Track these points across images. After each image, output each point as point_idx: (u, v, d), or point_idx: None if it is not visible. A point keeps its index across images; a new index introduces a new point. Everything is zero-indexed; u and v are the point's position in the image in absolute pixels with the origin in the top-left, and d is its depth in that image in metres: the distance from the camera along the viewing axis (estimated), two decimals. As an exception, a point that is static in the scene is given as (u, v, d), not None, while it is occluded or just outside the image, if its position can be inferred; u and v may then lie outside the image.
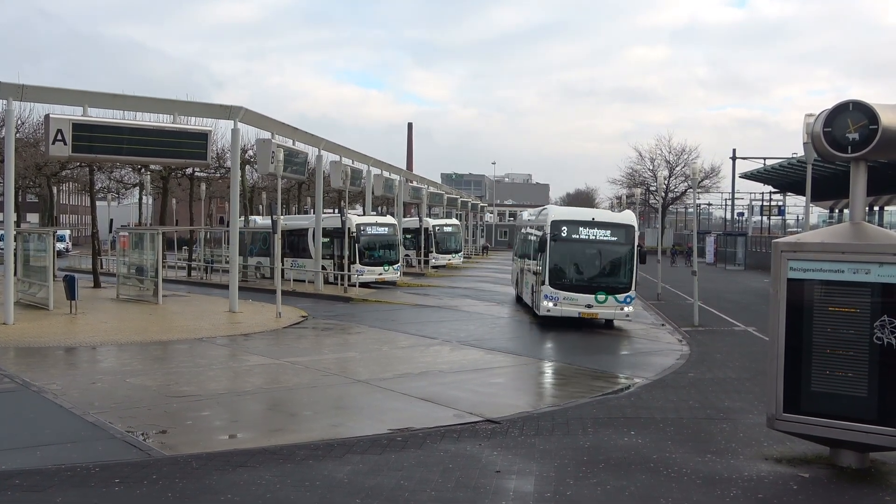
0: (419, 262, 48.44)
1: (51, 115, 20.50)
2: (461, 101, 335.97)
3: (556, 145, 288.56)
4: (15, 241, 23.87)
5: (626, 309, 21.80)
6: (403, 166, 75.02)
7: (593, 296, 21.50)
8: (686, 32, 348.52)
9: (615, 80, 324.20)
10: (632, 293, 21.79)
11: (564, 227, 21.97)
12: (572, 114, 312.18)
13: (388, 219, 39.15)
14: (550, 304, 21.77)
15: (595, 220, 22.32)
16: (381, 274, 35.73)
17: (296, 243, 38.45)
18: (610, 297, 21.51)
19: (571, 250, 22.10)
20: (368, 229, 35.62)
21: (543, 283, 21.96)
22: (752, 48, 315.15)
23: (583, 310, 21.57)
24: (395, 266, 36.79)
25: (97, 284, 32.49)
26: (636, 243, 22.01)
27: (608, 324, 22.89)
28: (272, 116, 26.99)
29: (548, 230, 22.01)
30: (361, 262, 34.58)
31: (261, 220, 43.02)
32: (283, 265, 30.47)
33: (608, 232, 21.93)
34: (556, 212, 23.64)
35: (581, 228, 21.99)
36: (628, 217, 22.81)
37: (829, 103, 10.46)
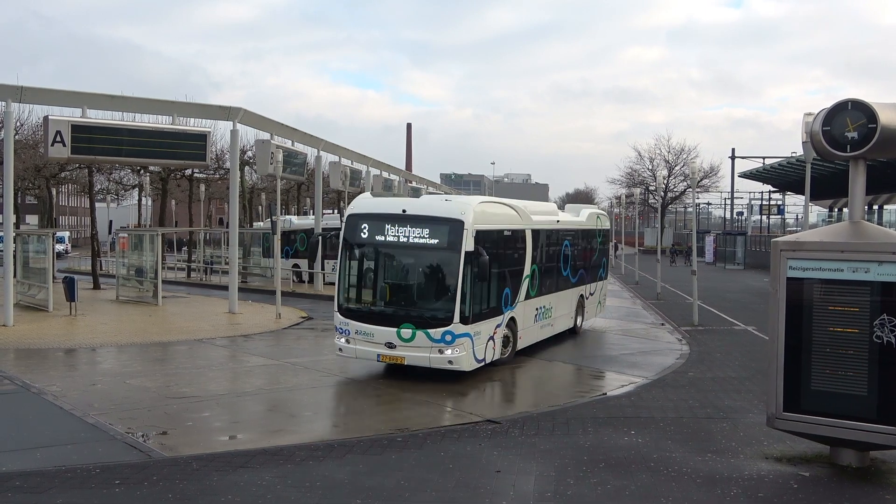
0: None
1: (50, 117, 20.50)
2: (457, 102, 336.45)
3: (553, 145, 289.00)
4: (14, 242, 23.86)
5: (447, 352, 13.75)
6: (402, 167, 75.03)
7: (396, 330, 14.03)
8: (682, 33, 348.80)
9: (610, 81, 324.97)
10: (458, 326, 13.74)
11: (365, 225, 14.55)
12: (568, 114, 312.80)
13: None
14: (342, 341, 14.67)
15: (407, 212, 14.25)
16: None
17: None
18: (419, 333, 13.81)
19: (370, 259, 14.82)
20: None
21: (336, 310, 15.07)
22: (746, 48, 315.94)
23: (382, 350, 14.10)
24: None
25: (97, 286, 32.48)
26: (466, 246, 13.80)
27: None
28: (270, 117, 26.98)
29: (343, 229, 15.05)
30: None
31: (297, 220, 41.17)
32: (323, 269, 30.37)
33: (424, 231, 14.02)
34: (359, 202, 15.30)
35: (387, 226, 14.28)
36: (460, 206, 14.35)
37: (822, 103, 10.48)
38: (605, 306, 23.99)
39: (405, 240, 14.11)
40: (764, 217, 75.29)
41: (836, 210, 59.42)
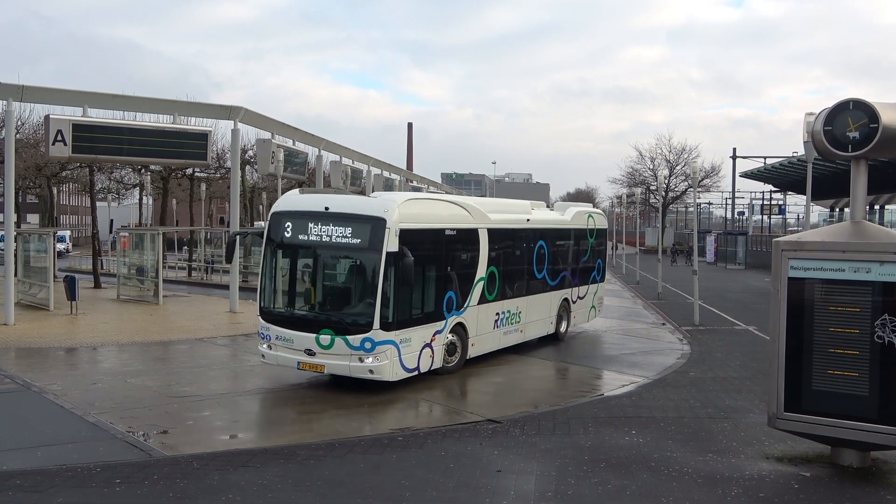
0: None
1: (51, 116, 20.49)
2: (458, 102, 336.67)
3: (553, 145, 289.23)
4: (15, 241, 23.87)
5: (367, 361, 12.80)
6: (403, 166, 75.04)
7: (315, 336, 13.15)
8: (682, 33, 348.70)
9: (610, 81, 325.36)
10: (378, 333, 12.75)
11: (288, 223, 13.72)
12: (568, 114, 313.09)
13: None
14: (264, 347, 13.88)
15: (329, 210, 13.36)
16: None
17: None
18: (338, 340, 12.91)
19: (292, 260, 14.02)
20: None
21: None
22: (746, 48, 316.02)
23: (302, 358, 13.26)
24: None
25: (97, 285, 32.48)
26: (389, 247, 12.73)
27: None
28: (271, 116, 26.97)
29: (266, 227, 14.28)
30: None
31: None
32: None
33: (346, 230, 13.14)
34: (285, 198, 14.56)
35: (310, 224, 13.43)
36: (383, 203, 13.29)
37: (822, 103, 10.50)
38: (600, 311, 22.61)
39: (328, 239, 13.24)
40: (765, 217, 75.24)
41: (837, 210, 59.38)
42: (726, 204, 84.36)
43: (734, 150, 73.48)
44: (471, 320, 15.34)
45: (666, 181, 71.25)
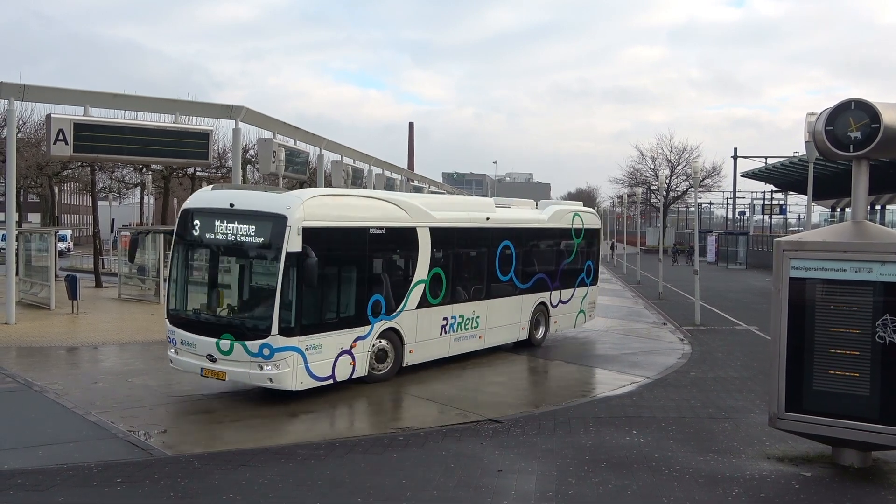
0: None
1: (52, 115, 20.50)
2: (459, 101, 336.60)
3: (553, 145, 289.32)
4: (17, 240, 23.88)
5: (266, 368, 11.97)
6: (404, 165, 75.03)
7: (216, 341, 12.31)
8: (683, 32, 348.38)
9: (610, 81, 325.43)
10: (277, 339, 11.89)
11: (196, 221, 12.98)
12: (569, 113, 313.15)
13: None
14: (172, 352, 13.12)
15: (234, 206, 12.62)
16: None
17: None
18: (237, 346, 12.10)
19: (197, 260, 13.39)
20: None
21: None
22: (746, 48, 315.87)
23: (205, 364, 12.46)
24: None
25: (98, 284, 32.48)
26: (290, 246, 11.89)
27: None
28: (272, 116, 26.98)
29: (175, 225, 13.61)
30: None
31: None
32: None
33: (249, 228, 12.41)
34: (196, 195, 13.91)
35: (216, 222, 12.69)
36: (286, 200, 12.45)
37: (822, 103, 10.52)
38: (592, 316, 21.28)
39: (232, 238, 12.48)
40: (766, 217, 75.20)
41: (838, 210, 59.37)
42: (727, 204, 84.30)
43: (735, 150, 73.45)
44: (407, 325, 14.42)
45: (667, 181, 71.21)
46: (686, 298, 30.13)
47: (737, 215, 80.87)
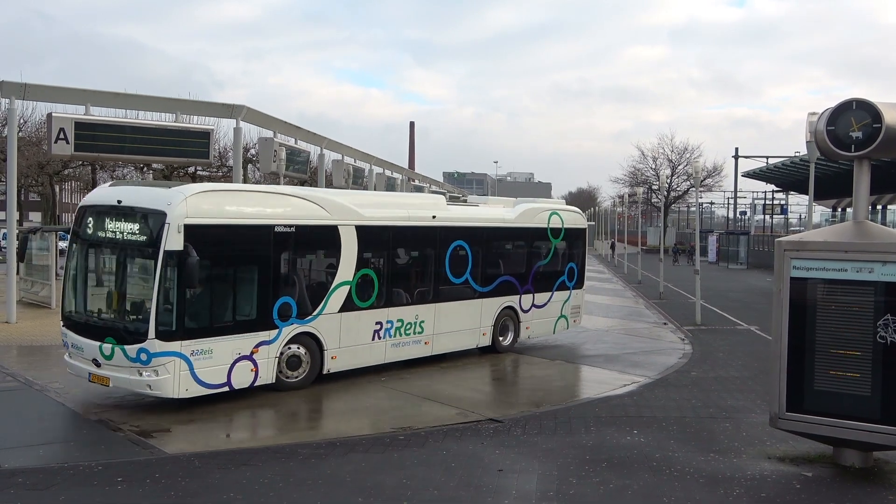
0: None
1: (53, 114, 20.51)
2: (459, 101, 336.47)
3: (554, 144, 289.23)
4: (17, 239, 23.87)
5: (145, 375, 11.30)
6: (405, 165, 75.03)
7: (99, 345, 11.71)
8: (684, 32, 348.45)
9: (610, 80, 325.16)
10: (155, 343, 11.22)
11: (89, 219, 12.47)
12: (569, 113, 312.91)
13: None
14: (66, 356, 12.60)
15: (121, 202, 12.03)
16: None
17: None
18: (117, 350, 11.48)
19: (88, 259, 12.69)
20: None
21: None
22: (746, 47, 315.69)
23: (92, 368, 11.86)
24: None
25: (99, 283, 32.49)
26: (168, 244, 11.23)
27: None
28: (273, 115, 26.98)
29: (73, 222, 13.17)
30: None
31: None
32: None
33: (133, 226, 11.84)
34: (95, 191, 13.53)
35: (106, 220, 12.17)
36: (167, 195, 11.73)
37: (823, 103, 10.52)
38: (576, 321, 19.76)
39: (120, 236, 11.91)
40: (767, 217, 75.19)
41: (839, 210, 59.36)
42: (728, 203, 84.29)
43: (736, 149, 73.32)
44: (328, 330, 13.54)
45: (668, 181, 71.25)
46: (687, 298, 30.12)
47: (738, 215, 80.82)
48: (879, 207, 52.44)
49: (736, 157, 73.22)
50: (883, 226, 13.14)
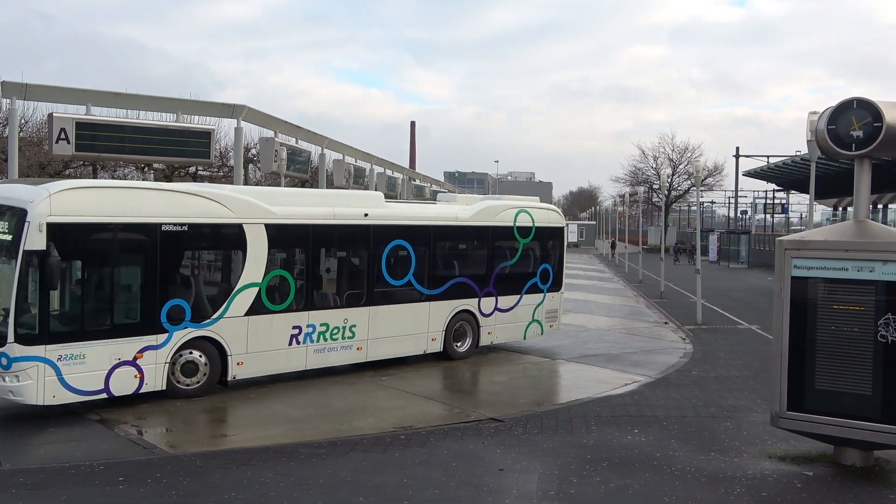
0: None
1: (54, 114, 20.47)
2: (460, 101, 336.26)
3: (555, 144, 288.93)
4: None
5: (7, 381, 10.81)
6: (405, 165, 75.06)
7: None
8: (685, 32, 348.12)
9: (610, 80, 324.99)
10: (15, 347, 10.70)
11: None
12: (570, 112, 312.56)
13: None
14: None
15: None
16: None
17: None
18: None
19: None
20: None
21: None
22: (747, 47, 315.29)
23: None
24: None
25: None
26: (29, 244, 10.70)
27: None
28: (273, 115, 26.98)
29: None
30: None
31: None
32: None
33: (2, 224, 11.37)
34: None
35: None
36: (31, 192, 11.23)
37: (823, 102, 10.51)
38: (554, 327, 18.55)
39: None
40: (768, 216, 75.14)
41: (840, 209, 59.33)
42: (729, 203, 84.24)
43: (737, 149, 73.26)
44: (231, 334, 12.82)
45: (669, 180, 71.21)
46: (688, 297, 30.11)
47: (739, 214, 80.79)
48: (880, 207, 52.42)
49: (737, 156, 73.19)
50: (884, 225, 13.13)
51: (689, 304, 26.90)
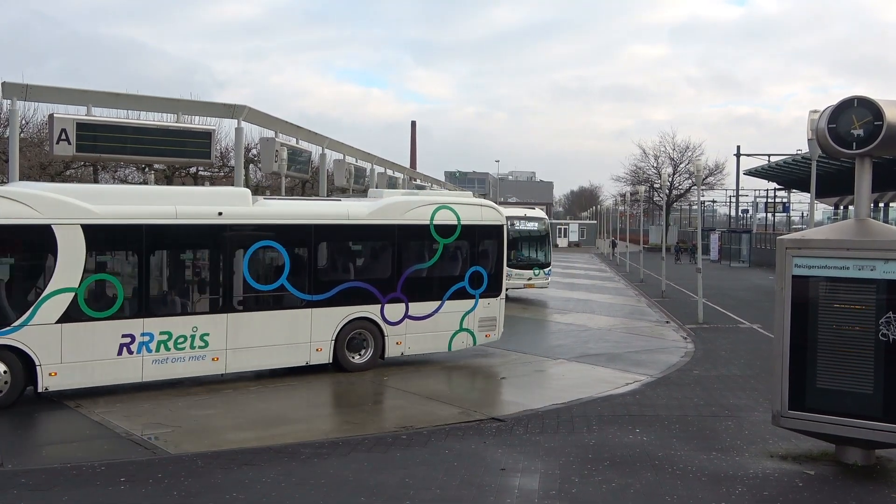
0: None
1: (55, 115, 20.48)
2: (460, 100, 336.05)
3: (556, 143, 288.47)
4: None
5: None
6: (406, 164, 75.04)
7: None
8: (685, 31, 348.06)
9: (610, 78, 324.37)
10: None
11: None
12: (571, 112, 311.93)
13: (537, 212, 33.43)
14: None
15: None
16: (529, 279, 29.29)
17: None
18: None
19: None
20: (516, 224, 29.13)
21: None
22: (747, 46, 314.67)
23: None
24: (546, 270, 29.95)
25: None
26: None
27: None
28: (274, 115, 26.99)
29: None
30: (508, 265, 19.73)
31: None
32: None
33: None
34: None
35: None
36: None
37: (823, 101, 10.49)
38: (492, 335, 16.64)
39: None
40: (769, 215, 75.08)
41: (841, 208, 59.29)
42: (730, 202, 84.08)
43: (738, 147, 73.28)
44: (41, 343, 11.86)
45: (670, 179, 71.21)
46: (689, 296, 30.11)
47: (740, 213, 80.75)
48: (881, 205, 52.37)
49: (738, 155, 73.18)
50: (885, 224, 13.13)
51: (691, 303, 26.89)
